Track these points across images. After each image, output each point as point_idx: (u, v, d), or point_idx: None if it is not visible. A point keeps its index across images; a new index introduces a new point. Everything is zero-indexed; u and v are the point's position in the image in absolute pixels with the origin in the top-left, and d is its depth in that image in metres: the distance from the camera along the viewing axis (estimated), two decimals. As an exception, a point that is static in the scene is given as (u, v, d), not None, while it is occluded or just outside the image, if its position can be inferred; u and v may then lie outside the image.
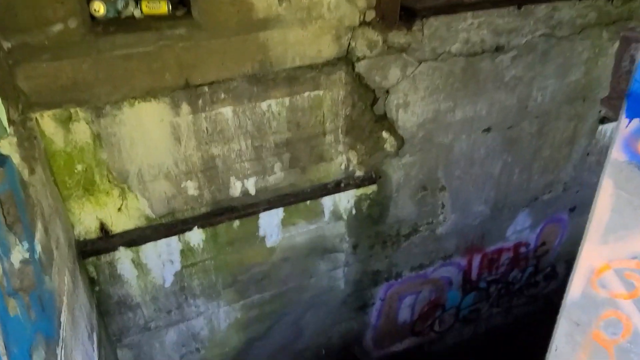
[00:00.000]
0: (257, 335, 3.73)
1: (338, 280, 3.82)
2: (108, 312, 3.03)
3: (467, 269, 4.48)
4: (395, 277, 4.11)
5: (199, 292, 3.28)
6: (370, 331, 4.34)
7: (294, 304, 3.74)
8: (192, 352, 3.53)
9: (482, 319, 5.15)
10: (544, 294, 5.43)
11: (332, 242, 3.58)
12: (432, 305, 4.55)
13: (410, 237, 3.92)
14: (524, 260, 4.83)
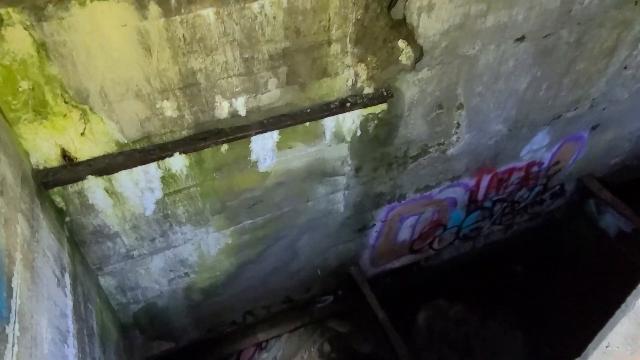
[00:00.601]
0: (250, 259, 3.52)
1: (337, 203, 3.52)
2: (84, 242, 2.74)
3: (474, 189, 4.19)
4: (399, 199, 3.82)
5: (184, 219, 2.96)
6: (367, 251, 4.17)
7: (289, 228, 3.48)
8: (181, 277, 3.33)
9: (481, 236, 5.02)
10: (547, 211, 5.25)
11: (332, 165, 3.20)
12: (433, 225, 4.35)
13: (418, 159, 3.55)
14: (534, 180, 4.54)
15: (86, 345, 2.29)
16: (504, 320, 6.44)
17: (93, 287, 2.80)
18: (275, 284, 3.90)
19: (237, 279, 3.61)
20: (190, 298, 3.52)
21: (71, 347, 2.06)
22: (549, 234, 5.86)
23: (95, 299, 2.78)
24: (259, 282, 3.77)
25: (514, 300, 6.79)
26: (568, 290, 6.51)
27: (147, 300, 3.34)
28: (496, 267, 6.79)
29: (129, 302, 3.26)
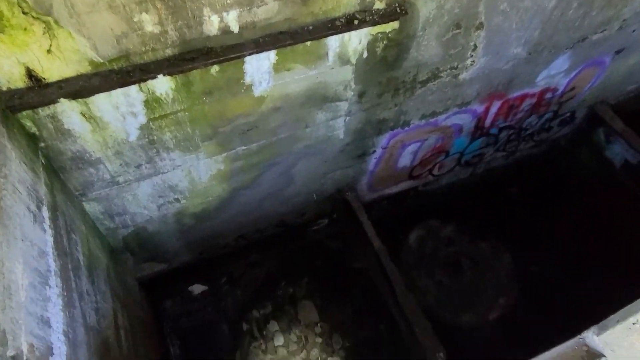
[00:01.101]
0: (243, 185, 3.35)
1: (337, 130, 3.28)
2: (63, 169, 2.53)
3: (482, 116, 3.94)
4: (402, 126, 3.57)
5: (172, 145, 2.73)
6: (366, 177, 4.01)
7: (285, 155, 3.27)
8: (171, 202, 3.18)
9: (482, 162, 4.86)
10: (554, 138, 5.06)
11: (334, 89, 2.91)
12: (435, 152, 4.16)
13: (427, 84, 3.25)
14: (545, 106, 4.28)
15: (71, 281, 2.18)
16: (494, 241, 6.54)
17: (77, 215, 2.64)
18: (270, 209, 3.78)
19: (230, 204, 3.48)
20: (181, 223, 3.41)
21: (54, 287, 1.94)
22: (550, 161, 5.74)
23: (80, 227, 2.63)
24: (252, 207, 3.65)
25: (506, 222, 6.86)
26: (562, 216, 6.54)
27: (137, 225, 3.22)
28: (492, 189, 6.76)
29: (117, 227, 3.14)
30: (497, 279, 6.27)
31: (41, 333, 1.69)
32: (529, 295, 6.10)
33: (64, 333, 1.90)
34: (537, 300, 6.18)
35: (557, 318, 6.01)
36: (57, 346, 1.80)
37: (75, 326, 2.05)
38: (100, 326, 2.41)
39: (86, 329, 2.18)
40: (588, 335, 1.58)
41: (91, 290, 2.44)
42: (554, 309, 6.08)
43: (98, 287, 2.58)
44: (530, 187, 6.55)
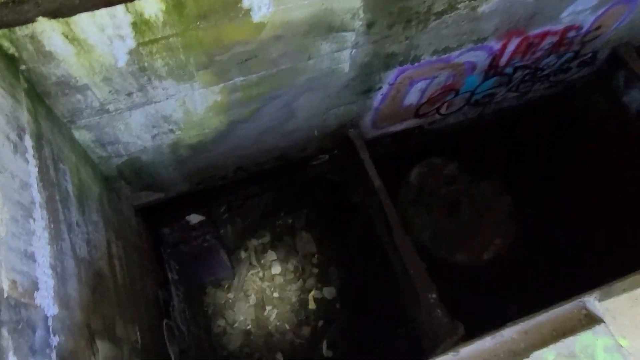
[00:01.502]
0: (242, 118, 3.21)
1: (342, 63, 3.07)
2: (49, 94, 2.38)
3: (498, 53, 3.69)
4: (412, 61, 3.35)
5: (165, 73, 2.56)
6: (370, 114, 3.84)
7: (286, 87, 3.09)
8: (166, 133, 3.05)
9: (493, 102, 4.65)
10: (569, 80, 4.80)
11: (340, 18, 2.68)
12: (445, 90, 3.95)
13: (442, 16, 2.99)
14: (566, 46, 4.00)
15: (59, 213, 2.12)
16: (496, 182, 6.47)
17: (66, 143, 2.53)
18: (269, 143, 3.66)
19: (227, 137, 3.35)
20: (177, 154, 3.31)
21: (39, 220, 1.87)
22: (563, 103, 5.51)
23: (70, 155, 2.54)
24: (251, 141, 3.53)
25: (510, 164, 6.76)
26: (568, 161, 6.42)
27: (131, 155, 3.12)
28: (499, 130, 6.58)
29: (110, 156, 3.04)
30: (494, 220, 6.27)
31: (25, 268, 1.65)
32: (524, 238, 6.14)
33: (51, 267, 1.87)
34: (533, 244, 6.23)
35: (550, 264, 6.10)
36: (43, 280, 1.77)
37: (63, 259, 2.01)
38: (92, 257, 2.38)
39: (76, 261, 2.15)
40: (589, 299, 1.54)
41: (82, 221, 2.39)
42: (548, 255, 6.15)
43: (89, 218, 2.53)
44: (539, 129, 6.37)
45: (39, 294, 1.71)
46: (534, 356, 1.46)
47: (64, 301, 1.90)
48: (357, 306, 6.30)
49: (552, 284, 5.86)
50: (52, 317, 1.76)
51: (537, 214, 6.76)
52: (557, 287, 5.79)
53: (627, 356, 1.33)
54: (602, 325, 1.45)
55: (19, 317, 1.52)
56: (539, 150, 6.65)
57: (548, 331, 1.52)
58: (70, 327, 1.89)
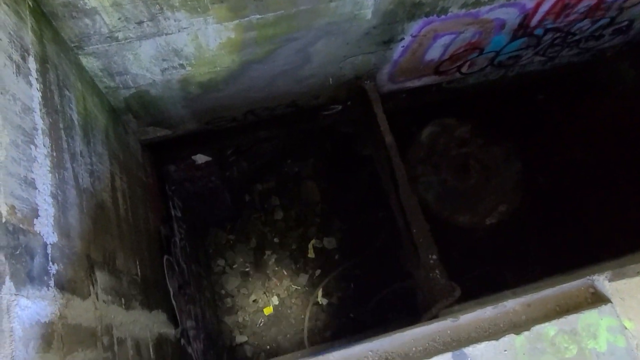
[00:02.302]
0: (255, 59, 3.08)
1: (365, 8, 2.90)
2: (55, 15, 2.27)
3: (530, 12, 3.48)
4: (439, 13, 3.17)
5: (178, 3, 2.42)
6: (388, 66, 3.69)
7: (304, 30, 2.94)
8: (176, 68, 2.95)
9: (517, 65, 4.46)
10: (600, 48, 4.57)
11: (369, -42, 2.50)
12: (469, 48, 3.76)
13: (477, -35, 2.79)
14: (603, 11, 3.76)
15: (62, 141, 2.07)
16: (508, 148, 6.35)
17: (72, 70, 2.45)
18: (282, 88, 3.55)
19: (239, 77, 3.24)
20: (186, 90, 3.21)
21: (40, 147, 1.83)
22: (589, 71, 5.29)
23: (76, 83, 2.46)
24: (264, 83, 3.41)
25: (525, 130, 6.61)
26: (585, 131, 6.26)
27: (139, 87, 3.03)
28: (519, 94, 6.38)
29: (118, 87, 2.96)
30: (502, 186, 6.20)
31: (24, 195, 1.62)
32: (530, 207, 6.09)
33: (52, 195, 1.84)
34: (537, 213, 6.18)
35: (552, 235, 6.08)
36: (44, 208, 1.75)
37: (65, 188, 1.99)
38: (95, 188, 2.36)
39: (78, 191, 2.13)
40: (599, 279, 1.49)
41: (86, 152, 2.34)
42: (551, 226, 6.12)
43: (94, 149, 2.49)
44: (560, 97, 6.17)
45: (38, 221, 1.69)
46: (535, 329, 1.45)
47: (64, 230, 1.89)
48: (355, 258, 6.38)
49: (552, 255, 5.89)
50: (52, 245, 1.76)
51: (546, 183, 6.68)
52: (556, 259, 5.82)
53: (630, 339, 1.31)
54: (608, 306, 1.42)
55: (17, 243, 1.51)
56: (557, 118, 6.47)
57: (552, 306, 1.50)
58: (69, 256, 1.89)
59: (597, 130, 6.08)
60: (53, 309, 1.65)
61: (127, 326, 2.38)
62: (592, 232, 5.83)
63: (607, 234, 5.70)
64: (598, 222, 5.90)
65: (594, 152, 6.26)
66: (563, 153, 6.58)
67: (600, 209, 5.98)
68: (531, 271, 5.93)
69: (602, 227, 5.83)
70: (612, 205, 5.88)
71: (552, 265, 5.59)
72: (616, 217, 5.80)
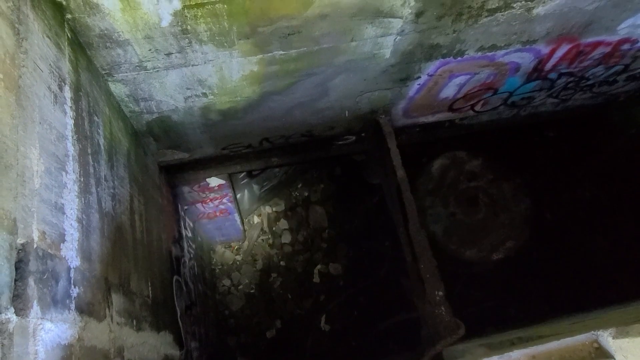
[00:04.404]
0: (275, 90, 3.18)
1: (384, 48, 3.00)
2: (91, 45, 2.38)
3: (545, 57, 3.57)
4: (456, 55, 3.26)
5: (206, 38, 2.53)
6: (404, 102, 3.78)
7: (325, 66, 3.04)
8: (199, 96, 3.05)
9: (530, 106, 4.53)
10: (613, 92, 4.64)
11: (390, 4, 2.60)
12: (483, 88, 3.85)
13: (495, 13, 2.89)
14: (617, 58, 3.84)
15: (90, 166, 2.16)
16: (517, 183, 6.38)
17: (102, 95, 2.55)
18: (299, 118, 3.64)
19: (258, 107, 3.34)
20: (207, 117, 3.31)
21: (70, 173, 1.91)
22: (601, 113, 5.35)
23: (104, 108, 2.56)
24: (281, 113, 3.51)
25: (535, 166, 6.65)
26: (595, 170, 6.30)
27: (162, 113, 3.14)
28: (530, 132, 6.45)
29: (142, 112, 3.06)
30: (510, 222, 6.21)
31: (54, 220, 1.70)
32: (537, 244, 6.09)
33: (78, 220, 1.91)
34: (544, 250, 6.17)
35: (557, 273, 6.05)
36: (70, 233, 1.82)
37: (90, 212, 2.06)
38: (116, 212, 2.44)
39: (101, 215, 2.20)
40: (603, 334, 1.52)
41: (109, 176, 2.43)
42: (557, 264, 6.10)
43: (117, 172, 2.58)
44: (571, 135, 6.23)
45: (64, 245, 1.76)
46: (540, 383, 1.47)
47: (86, 254, 1.96)
48: (360, 285, 6.38)
49: (557, 293, 5.85)
50: (74, 269, 1.82)
51: (555, 220, 6.68)
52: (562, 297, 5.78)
53: (633, 398, 1.34)
54: (611, 362, 1.46)
55: (45, 268, 1.58)
56: (567, 156, 6.51)
57: (556, 358, 1.52)
58: (89, 279, 1.95)
59: (608, 171, 6.11)
60: (72, 331, 1.71)
61: (137, 348, 2.42)
62: (598, 272, 5.80)
63: (613, 274, 5.68)
64: (605, 262, 5.88)
65: (604, 192, 6.28)
66: (572, 191, 6.60)
67: (607, 249, 5.96)
68: (536, 308, 5.90)
69: (608, 268, 5.81)
70: (620, 247, 5.86)
71: (557, 303, 5.58)
72: (623, 259, 5.78)
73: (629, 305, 2.44)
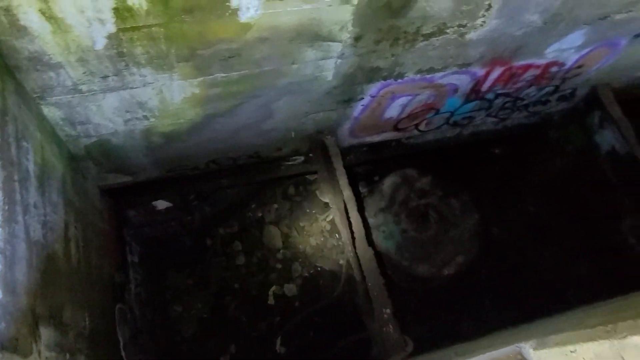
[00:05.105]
0: (219, 113, 3.17)
1: (326, 71, 3.06)
2: (19, 68, 2.30)
3: (481, 79, 3.74)
4: (396, 77, 3.37)
5: (144, 61, 2.50)
6: (349, 122, 3.85)
7: (267, 89, 3.07)
8: (139, 119, 3.00)
9: (471, 125, 4.73)
10: (547, 112, 4.91)
11: (329, 29, 2.67)
12: (425, 108, 3.99)
13: (430, 38, 3.02)
14: (548, 80, 4.08)
15: (16, 193, 2.06)
16: (465, 200, 6.58)
17: (32, 120, 2.46)
18: (245, 139, 3.64)
19: (203, 129, 3.31)
20: (149, 140, 3.25)
21: (-8, 202, 1.82)
22: (539, 132, 5.64)
23: (35, 133, 2.47)
24: (226, 135, 3.49)
25: (482, 183, 6.89)
26: (538, 185, 6.59)
27: (101, 137, 3.05)
28: (475, 150, 6.70)
29: (79, 136, 2.97)
30: (459, 237, 6.38)
31: (-30, 253, 1.60)
32: (486, 258, 6.28)
33: (0, 251, 1.82)
34: (493, 264, 6.37)
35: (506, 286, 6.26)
36: (-11, 265, 1.73)
37: (14, 242, 1.97)
38: (47, 240, 2.33)
39: (28, 244, 2.10)
40: (525, 347, 1.59)
41: (40, 202, 2.33)
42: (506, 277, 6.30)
43: (49, 199, 2.47)
44: (515, 152, 6.52)
45: (-18, 279, 1.66)
46: (465, 397, 1.51)
47: (9, 287, 1.86)
48: (316, 306, 6.34)
49: (506, 306, 6.04)
50: (-6, 303, 1.72)
51: (502, 234, 6.92)
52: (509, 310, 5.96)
53: (550, 407, 1.40)
54: (533, 373, 1.52)
55: (-43, 304, 1.48)
56: (512, 172, 6.79)
57: (482, 373, 1.57)
58: (13, 314, 1.85)
59: (549, 187, 6.42)
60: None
61: (70, 383, 2.30)
62: (543, 284, 6.03)
63: (557, 286, 5.92)
64: (549, 274, 6.13)
65: (546, 206, 6.58)
66: (517, 206, 6.88)
67: (551, 262, 6.23)
68: (486, 321, 6.05)
69: (553, 280, 6.05)
70: (563, 259, 6.14)
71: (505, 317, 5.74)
72: (566, 270, 6.05)
73: (553, 316, 2.56)
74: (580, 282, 5.97)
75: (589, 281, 5.97)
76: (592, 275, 5.99)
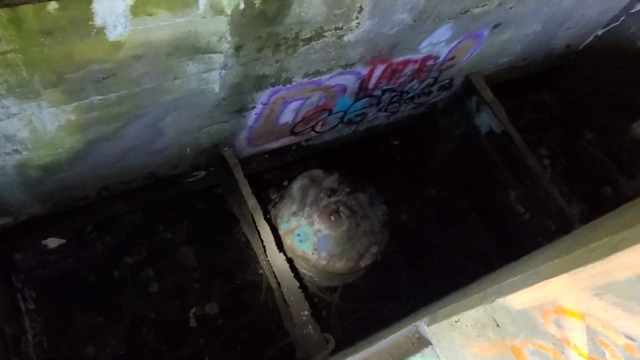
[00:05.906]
0: (102, 137, 2.99)
1: (212, 83, 3.02)
2: None
3: (366, 78, 3.92)
4: (284, 83, 3.41)
5: (4, 91, 2.29)
6: (245, 132, 3.83)
7: (152, 107, 2.95)
8: (10, 154, 2.73)
9: (365, 121, 4.93)
10: (432, 102, 5.27)
11: (206, 40, 2.63)
12: (318, 110, 4.09)
13: (310, 42, 3.09)
14: (426, 72, 4.38)
15: None
16: (372, 192, 6.85)
17: None
18: (136, 162, 3.47)
19: (87, 156, 3.10)
20: (25, 175, 2.98)
21: None
22: (428, 121, 6.03)
23: None
24: (115, 160, 3.31)
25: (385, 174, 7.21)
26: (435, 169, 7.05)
27: (-35, 177, 2.74)
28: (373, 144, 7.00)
29: (-63, 180, 2.64)
30: (371, 229, 6.62)
31: None
32: (398, 245, 6.59)
33: None
34: (405, 249, 6.71)
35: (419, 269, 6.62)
36: None
37: None
38: None
39: None
40: (420, 324, 1.70)
41: None
42: (418, 260, 6.67)
43: None
44: (412, 142, 6.91)
45: None
46: (373, 381, 1.58)
47: None
48: (240, 320, 6.22)
49: (421, 287, 6.38)
50: None
51: (409, 220, 7.30)
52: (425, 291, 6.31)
53: (449, 375, 1.52)
54: (429, 348, 1.62)
55: None
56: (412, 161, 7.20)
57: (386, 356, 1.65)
58: None
59: (445, 170, 6.90)
60: None
61: None
62: (451, 262, 6.46)
63: (463, 262, 6.38)
64: (455, 252, 6.59)
65: (446, 189, 7.06)
66: (420, 192, 7.30)
67: (455, 239, 6.69)
68: (405, 305, 6.35)
69: (459, 256, 6.51)
70: (465, 235, 6.63)
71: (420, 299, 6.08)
72: (469, 246, 6.54)
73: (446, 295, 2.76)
74: (481, 254, 6.48)
75: (488, 253, 6.50)
76: (490, 247, 6.53)
